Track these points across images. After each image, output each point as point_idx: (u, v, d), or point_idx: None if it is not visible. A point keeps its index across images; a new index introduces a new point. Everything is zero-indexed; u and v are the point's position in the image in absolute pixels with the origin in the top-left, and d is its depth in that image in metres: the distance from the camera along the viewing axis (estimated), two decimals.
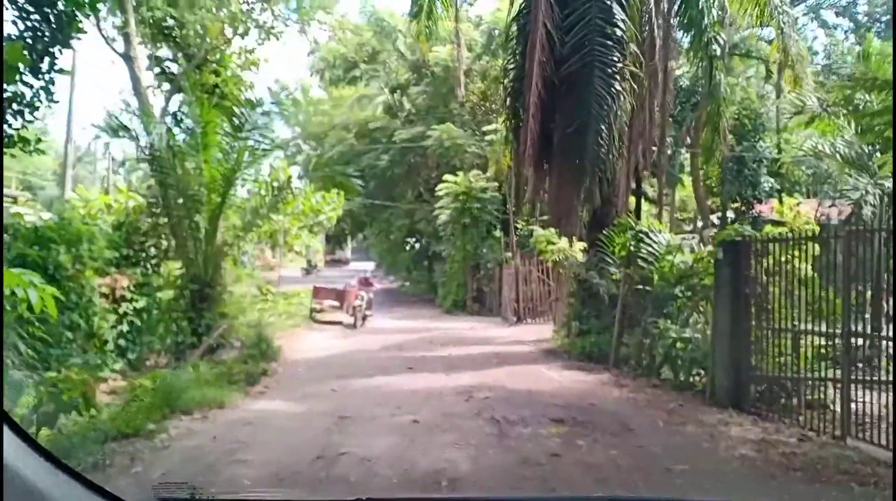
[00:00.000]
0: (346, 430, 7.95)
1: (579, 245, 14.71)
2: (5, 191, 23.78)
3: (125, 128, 13.74)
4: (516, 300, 20.63)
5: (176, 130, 15.69)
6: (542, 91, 12.08)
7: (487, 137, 24.91)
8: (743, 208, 25.29)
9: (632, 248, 12.24)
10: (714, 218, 27.50)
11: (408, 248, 36.93)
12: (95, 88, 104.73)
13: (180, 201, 13.93)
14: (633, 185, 15.61)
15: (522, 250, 21.44)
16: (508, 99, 14.21)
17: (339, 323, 19.84)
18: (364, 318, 19.92)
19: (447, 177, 24.63)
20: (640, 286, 12.17)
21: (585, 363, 12.89)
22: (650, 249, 11.89)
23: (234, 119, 15.19)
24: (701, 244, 14.00)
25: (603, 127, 12.13)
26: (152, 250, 14.92)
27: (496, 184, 24.99)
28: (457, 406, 9.34)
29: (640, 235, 12.21)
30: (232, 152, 13.78)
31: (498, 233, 25.62)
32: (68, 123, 29.39)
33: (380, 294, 37.34)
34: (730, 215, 25.51)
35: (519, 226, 23.30)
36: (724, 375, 9.19)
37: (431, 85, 29.25)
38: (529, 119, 12.12)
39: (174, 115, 17.37)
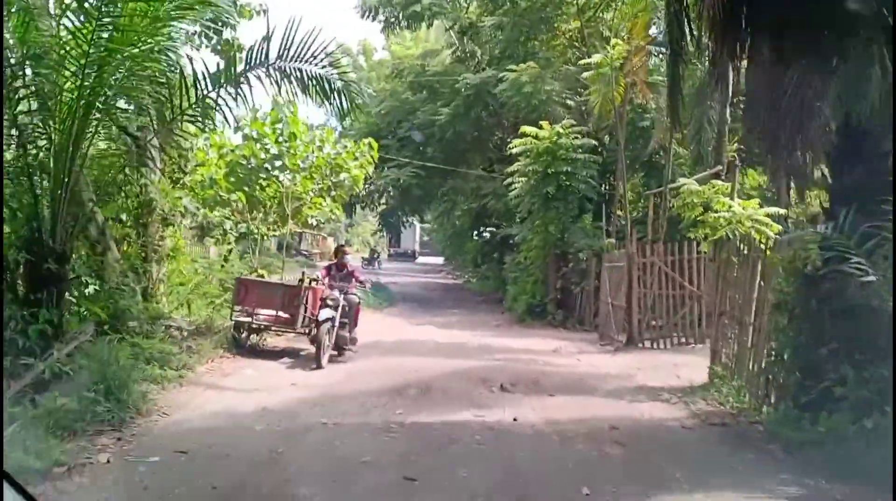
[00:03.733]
0: None
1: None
2: None
3: None
4: (627, 310, 13.04)
5: None
6: None
7: (586, 75, 17.30)
8: None
9: None
10: None
11: (474, 234, 29.70)
12: None
13: None
14: None
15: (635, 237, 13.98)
16: None
17: (296, 353, 11.34)
18: (343, 345, 10.95)
19: (526, 128, 17.23)
20: None
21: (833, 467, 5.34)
22: None
23: None
24: None
25: None
26: None
27: (594, 142, 17.44)
28: None
29: None
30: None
31: (590, 214, 18.15)
32: None
33: (437, 291, 30.52)
34: None
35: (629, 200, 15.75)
36: None
37: (510, 14, 21.83)
38: None
39: None
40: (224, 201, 15.16)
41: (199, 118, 8.53)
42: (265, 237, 34.71)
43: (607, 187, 19.63)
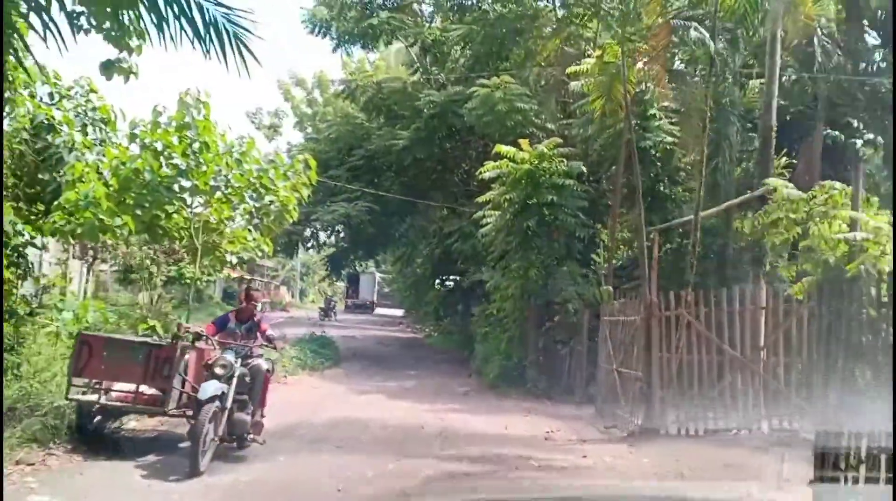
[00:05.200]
0: None
1: None
2: None
3: None
4: (645, 381, 9.46)
5: None
6: None
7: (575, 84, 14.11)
8: None
9: None
10: None
11: (436, 283, 26.08)
12: None
13: None
14: None
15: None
16: None
17: (174, 443, 7.63)
18: (243, 433, 7.23)
19: (501, 148, 13.90)
20: None
21: None
22: None
23: None
24: None
25: None
26: None
27: (583, 169, 14.17)
28: None
29: None
30: None
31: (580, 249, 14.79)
32: None
33: (393, 347, 26.56)
34: None
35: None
36: None
37: (479, 24, 18.78)
38: None
39: None
40: (105, 226, 11.35)
41: None
42: (198, 282, 30.72)
43: (594, 224, 16.33)
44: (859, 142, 16.74)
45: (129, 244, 23.87)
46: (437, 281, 26.00)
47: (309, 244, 23.34)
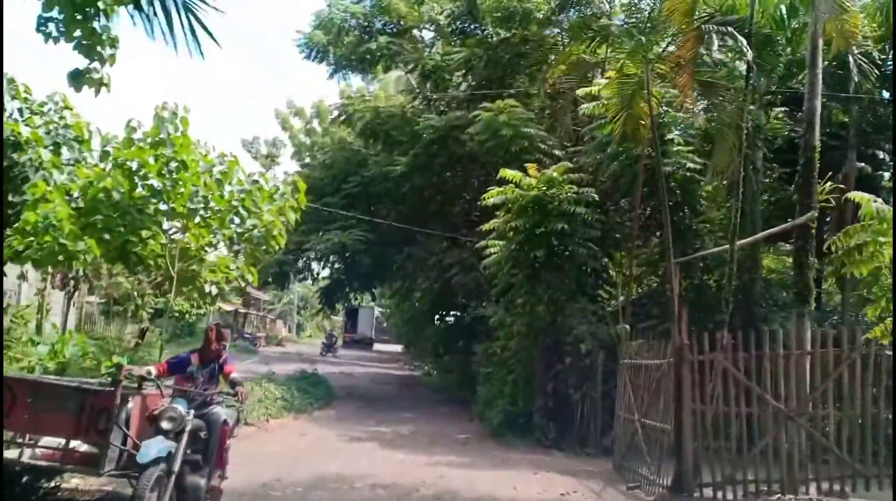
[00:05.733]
0: None
1: None
2: None
3: None
4: (676, 436, 8.18)
5: None
6: None
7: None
8: None
9: None
10: None
11: (436, 318, 24.81)
12: None
13: None
14: None
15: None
16: None
17: None
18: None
19: (507, 172, 12.81)
20: None
21: None
22: None
23: None
24: None
25: None
26: None
27: (593, 190, 13.05)
28: None
29: None
30: None
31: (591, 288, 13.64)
32: None
33: (391, 386, 25.07)
34: None
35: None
36: None
37: (482, 47, 17.88)
38: None
39: None
40: (68, 251, 10.25)
41: None
42: (188, 316, 29.36)
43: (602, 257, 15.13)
44: (886, 174, 15.69)
45: (111, 274, 22.63)
46: (437, 316, 24.73)
47: (301, 276, 22.13)
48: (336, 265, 21.17)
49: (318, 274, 22.20)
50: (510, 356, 13.94)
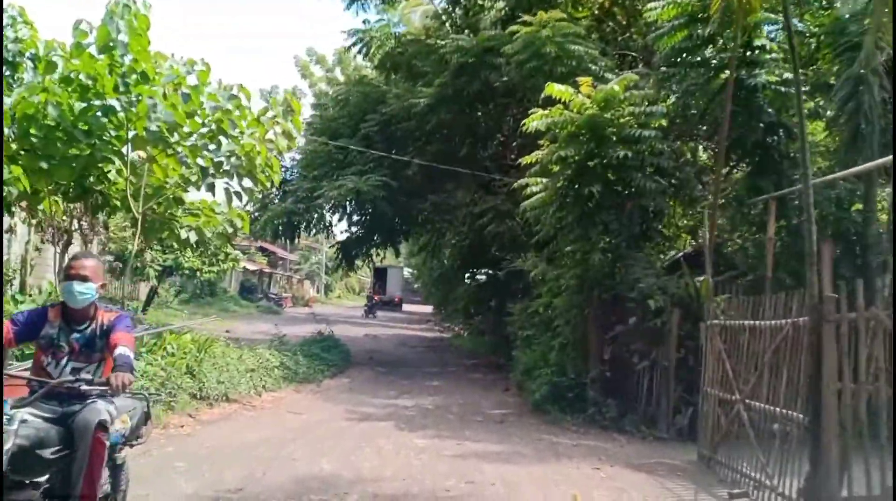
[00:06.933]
0: None
1: None
2: None
3: None
4: (814, 427, 5.70)
5: None
6: None
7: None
8: None
9: None
10: None
11: (466, 276, 22.45)
12: None
13: None
14: None
15: None
16: None
17: None
18: None
19: (553, 88, 10.20)
20: None
21: None
22: None
23: None
24: None
25: None
26: None
27: (664, 107, 10.37)
28: None
29: None
30: None
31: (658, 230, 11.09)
32: None
33: (418, 349, 22.78)
34: None
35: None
36: None
37: None
38: None
39: None
40: None
41: None
42: (200, 273, 27.28)
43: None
44: None
45: (106, 226, 20.62)
46: (468, 274, 22.36)
47: (314, 229, 19.82)
48: (354, 217, 18.86)
49: (331, 225, 19.85)
50: (555, 316, 11.51)
